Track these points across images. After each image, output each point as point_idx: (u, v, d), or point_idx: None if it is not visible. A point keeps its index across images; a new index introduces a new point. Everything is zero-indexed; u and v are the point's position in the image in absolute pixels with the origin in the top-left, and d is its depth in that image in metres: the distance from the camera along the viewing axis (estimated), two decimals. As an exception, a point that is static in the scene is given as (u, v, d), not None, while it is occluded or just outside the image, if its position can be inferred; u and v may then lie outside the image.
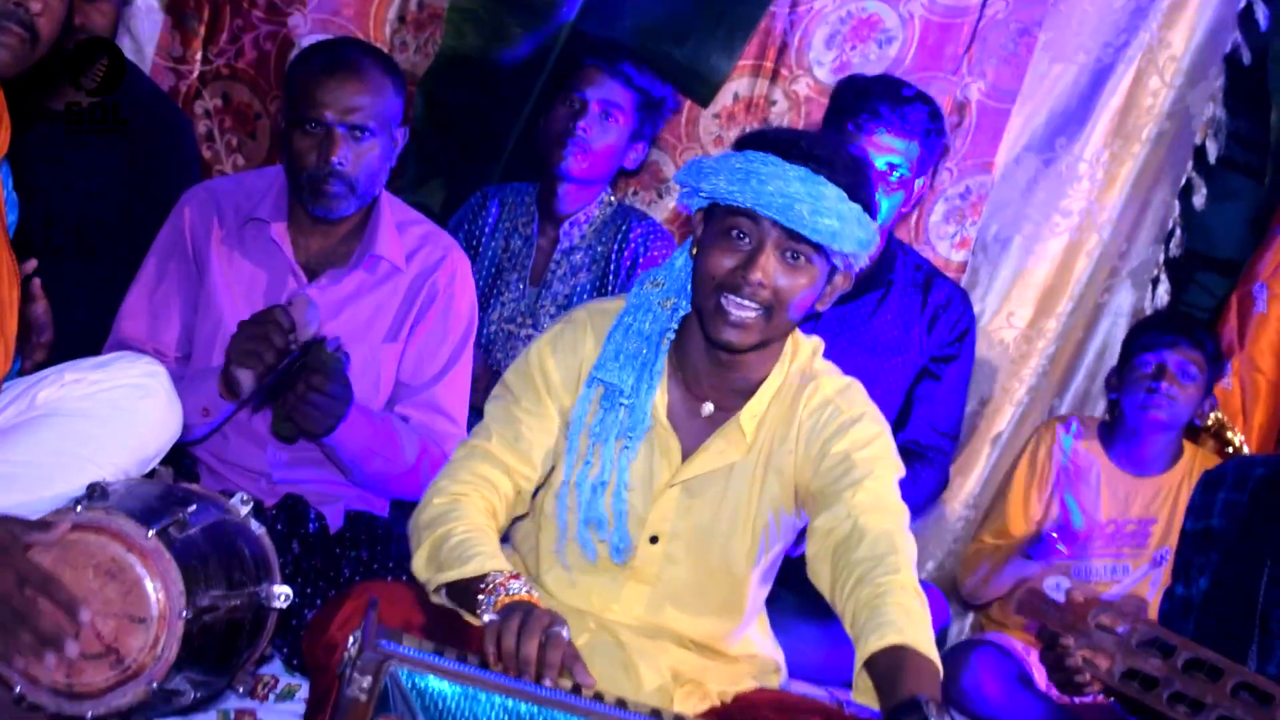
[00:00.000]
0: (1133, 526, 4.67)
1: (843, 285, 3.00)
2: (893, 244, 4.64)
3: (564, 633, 2.60)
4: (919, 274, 4.66)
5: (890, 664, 2.67)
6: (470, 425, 3.65)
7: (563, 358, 3.08)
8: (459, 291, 3.96)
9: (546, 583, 3.13)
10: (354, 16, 5.02)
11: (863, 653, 2.72)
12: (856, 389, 3.10)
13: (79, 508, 2.73)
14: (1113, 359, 5.17)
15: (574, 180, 4.55)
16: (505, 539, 3.22)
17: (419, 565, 2.92)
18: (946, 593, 4.90)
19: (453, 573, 2.81)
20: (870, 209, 2.91)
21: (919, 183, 4.50)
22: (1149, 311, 5.22)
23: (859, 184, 2.91)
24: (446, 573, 2.82)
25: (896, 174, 4.40)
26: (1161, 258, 5.26)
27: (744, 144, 2.95)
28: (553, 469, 3.13)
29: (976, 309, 5.04)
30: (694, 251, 2.99)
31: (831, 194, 2.83)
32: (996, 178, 5.19)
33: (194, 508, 2.88)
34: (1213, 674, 2.85)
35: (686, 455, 3.05)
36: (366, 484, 3.90)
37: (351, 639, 2.50)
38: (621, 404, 3.00)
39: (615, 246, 4.57)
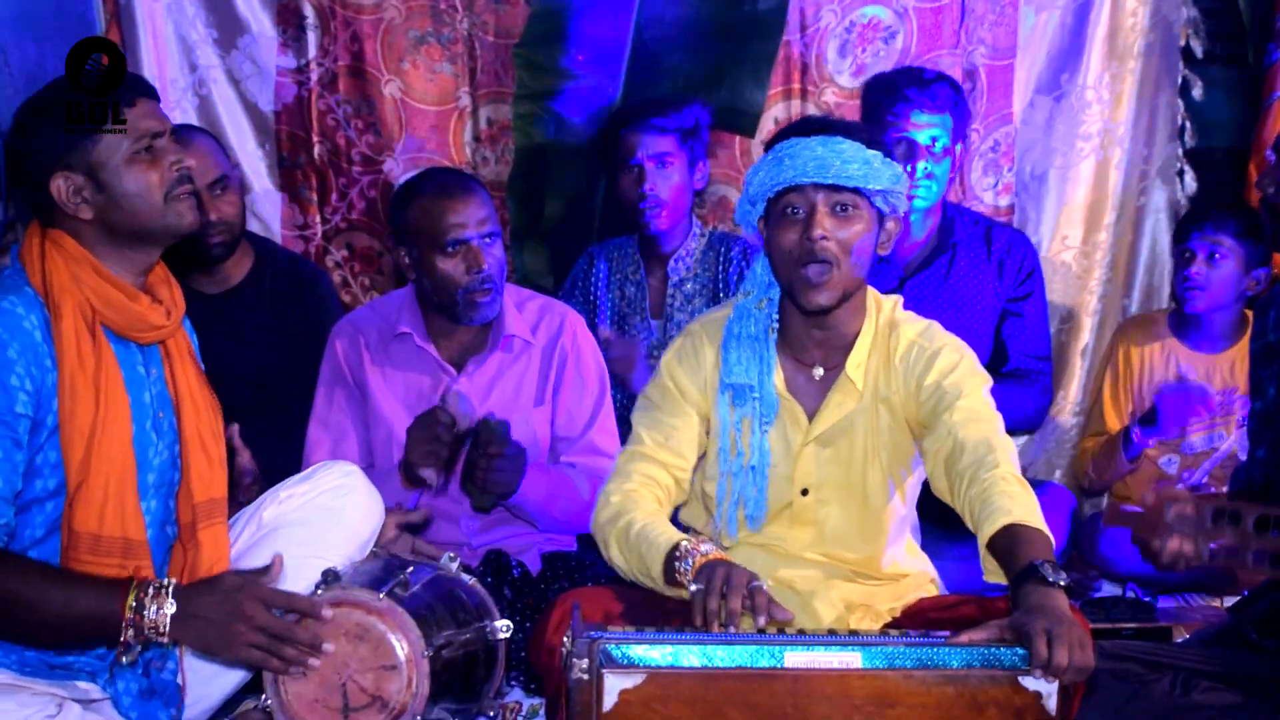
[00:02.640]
0: (1219, 398, 4.78)
1: (895, 230, 3.29)
2: (949, 210, 4.83)
3: (762, 585, 2.87)
4: (978, 229, 4.84)
5: (1006, 542, 2.91)
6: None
7: (688, 367, 3.39)
8: (584, 348, 4.18)
9: (734, 540, 3.38)
10: (437, 147, 5.31)
11: (983, 540, 2.97)
12: (935, 328, 3.37)
13: (319, 591, 3.03)
14: (1162, 251, 5.37)
15: (665, 230, 4.79)
16: (677, 524, 3.48)
17: (613, 556, 3.22)
18: (1072, 489, 5.06)
19: (653, 560, 3.07)
20: (887, 154, 3.21)
21: (958, 149, 4.71)
22: (1183, 201, 5.34)
23: (868, 137, 3.22)
24: (649, 562, 3.08)
25: (940, 145, 4.62)
26: (1180, 151, 5.34)
27: (769, 145, 3.27)
28: (703, 458, 3.41)
29: (1033, 241, 5.18)
30: (766, 250, 3.29)
31: (849, 146, 3.16)
32: (1018, 125, 5.31)
33: (411, 570, 3.18)
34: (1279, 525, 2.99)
35: (811, 416, 3.33)
36: (554, 527, 4.14)
37: (566, 638, 2.77)
38: (753, 397, 3.30)
39: (720, 269, 4.80)
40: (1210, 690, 3.20)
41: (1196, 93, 5.31)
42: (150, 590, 2.93)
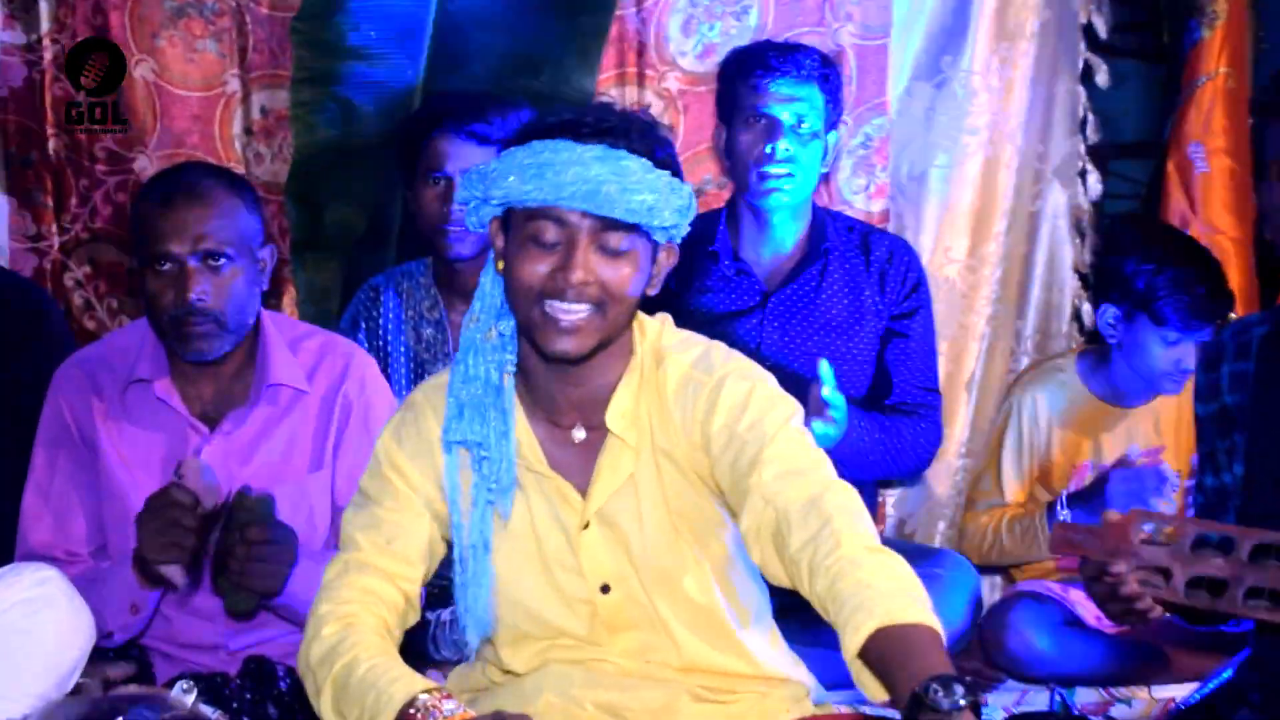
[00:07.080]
0: (1175, 480, 4.39)
1: (668, 260, 2.68)
2: (819, 212, 4.38)
3: None
4: (853, 235, 4.39)
5: (879, 653, 2.31)
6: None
7: (410, 446, 2.76)
8: (373, 398, 3.60)
9: (544, 663, 2.80)
10: (200, 141, 4.79)
11: (848, 651, 2.34)
12: (714, 352, 2.74)
13: (-7, 757, 2.43)
14: (1062, 264, 5.07)
15: (468, 258, 4.24)
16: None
17: (326, 709, 2.58)
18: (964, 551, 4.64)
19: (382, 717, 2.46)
20: (676, 172, 2.60)
21: (832, 137, 4.26)
22: (1085, 206, 5.03)
23: (658, 146, 2.60)
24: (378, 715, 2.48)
25: (806, 126, 4.15)
26: (1082, 148, 5.04)
27: (527, 135, 2.61)
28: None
29: (911, 252, 4.84)
30: (499, 266, 2.65)
31: (635, 166, 2.53)
32: (893, 116, 4.92)
33: (129, 716, 2.54)
34: None
35: (584, 492, 2.71)
36: None
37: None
38: (482, 456, 2.67)
39: None
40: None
41: (1101, 79, 4.99)
42: None
